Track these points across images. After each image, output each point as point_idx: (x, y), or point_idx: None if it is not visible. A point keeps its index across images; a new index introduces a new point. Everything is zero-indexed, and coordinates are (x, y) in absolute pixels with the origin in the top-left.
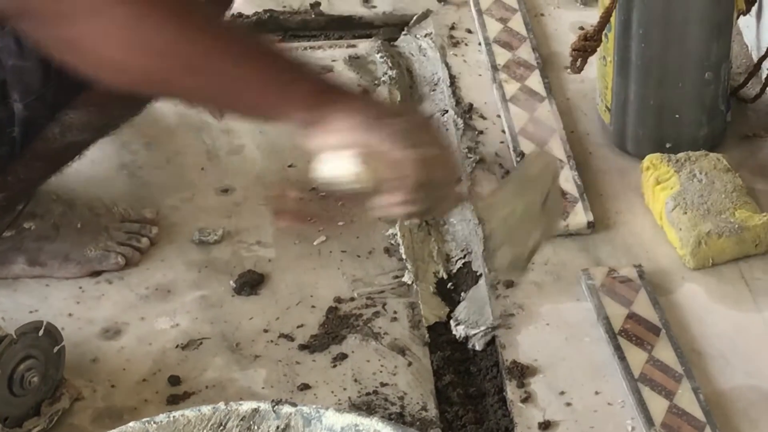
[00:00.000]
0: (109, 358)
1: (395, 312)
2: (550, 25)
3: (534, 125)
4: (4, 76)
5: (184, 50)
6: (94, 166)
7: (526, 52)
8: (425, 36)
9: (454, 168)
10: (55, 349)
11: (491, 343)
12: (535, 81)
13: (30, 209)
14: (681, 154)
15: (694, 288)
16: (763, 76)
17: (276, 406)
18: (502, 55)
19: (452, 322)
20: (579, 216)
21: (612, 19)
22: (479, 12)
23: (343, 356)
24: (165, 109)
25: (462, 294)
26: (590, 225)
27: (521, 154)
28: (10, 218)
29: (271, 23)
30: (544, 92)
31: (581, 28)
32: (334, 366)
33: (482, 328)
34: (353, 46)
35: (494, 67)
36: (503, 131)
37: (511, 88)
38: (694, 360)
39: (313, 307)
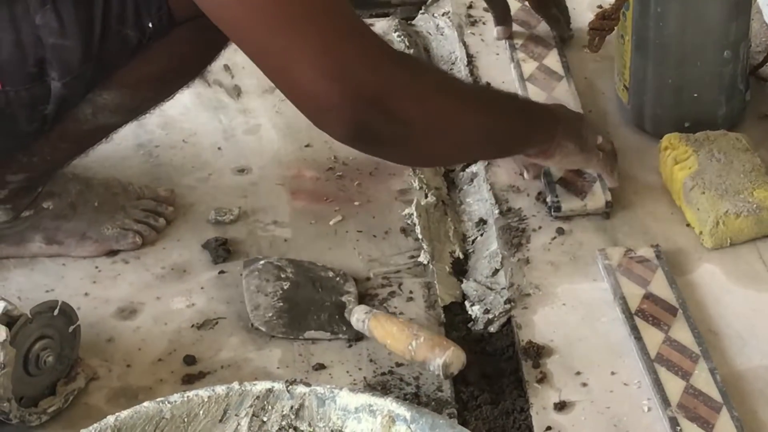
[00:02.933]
0: (125, 337)
1: (411, 292)
2: (569, 3)
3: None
4: (43, 53)
5: (489, 131)
6: (111, 145)
7: (544, 31)
8: (443, 15)
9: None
10: (71, 329)
11: (507, 323)
12: (553, 60)
13: (47, 188)
14: (699, 134)
15: (711, 268)
16: None
17: (290, 387)
18: (520, 34)
19: (467, 303)
20: (597, 196)
21: None
22: None
23: (358, 336)
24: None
25: (477, 275)
26: (608, 205)
27: None
28: (29, 199)
29: None
30: (562, 71)
31: (599, 7)
32: (350, 346)
33: (496, 311)
34: (371, 24)
35: (512, 46)
36: None
37: (529, 67)
38: (711, 340)
39: None
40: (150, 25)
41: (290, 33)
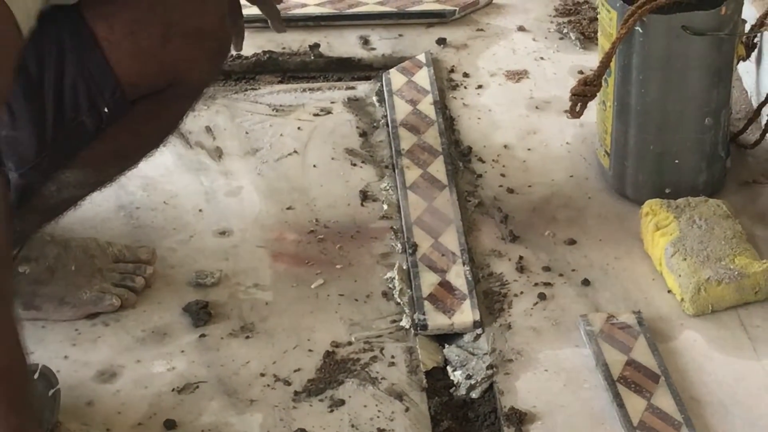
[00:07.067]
0: (105, 401)
1: (393, 357)
2: (550, 68)
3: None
4: None
5: None
6: (93, 207)
7: (432, 137)
8: None
9: None
10: (50, 392)
11: (489, 389)
12: (437, 168)
13: (24, 253)
14: (680, 200)
15: (693, 335)
16: (763, 122)
17: None
18: (407, 140)
19: (449, 368)
20: (465, 314)
21: (612, 64)
22: None
23: (340, 401)
24: (163, 150)
25: (460, 340)
26: (476, 324)
27: None
28: None
29: (271, 65)
30: (446, 180)
31: (580, 72)
32: (331, 411)
33: (479, 377)
34: (352, 88)
35: (397, 152)
36: (501, 175)
37: (413, 174)
38: (693, 408)
39: (310, 351)
40: (106, 110)
41: None
